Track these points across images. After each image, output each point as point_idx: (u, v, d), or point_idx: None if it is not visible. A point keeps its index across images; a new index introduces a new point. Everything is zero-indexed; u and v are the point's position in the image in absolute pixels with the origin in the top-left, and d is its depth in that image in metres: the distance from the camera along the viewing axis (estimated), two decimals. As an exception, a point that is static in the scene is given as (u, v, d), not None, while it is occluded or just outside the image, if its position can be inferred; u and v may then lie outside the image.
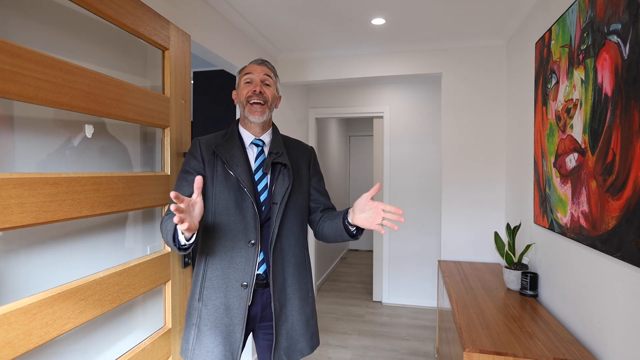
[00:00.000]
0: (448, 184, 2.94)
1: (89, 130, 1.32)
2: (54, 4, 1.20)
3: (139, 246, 1.58)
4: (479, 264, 2.75)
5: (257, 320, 1.35)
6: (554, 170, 1.77)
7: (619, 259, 1.22)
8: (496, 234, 2.21)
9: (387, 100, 4.13)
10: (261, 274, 1.31)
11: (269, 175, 1.34)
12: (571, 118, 1.59)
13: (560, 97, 1.71)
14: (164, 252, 1.57)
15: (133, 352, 1.39)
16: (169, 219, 1.21)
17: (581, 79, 1.50)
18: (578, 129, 1.52)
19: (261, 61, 1.38)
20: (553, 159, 1.78)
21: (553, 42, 1.82)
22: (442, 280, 2.44)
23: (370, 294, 4.42)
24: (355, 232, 1.27)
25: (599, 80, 1.36)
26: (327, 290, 4.57)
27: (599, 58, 1.37)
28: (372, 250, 6.69)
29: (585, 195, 1.45)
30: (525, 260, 2.22)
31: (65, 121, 1.24)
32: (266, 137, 1.39)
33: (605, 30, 1.33)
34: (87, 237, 1.32)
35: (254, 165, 1.34)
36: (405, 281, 4.11)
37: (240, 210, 1.28)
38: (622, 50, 1.21)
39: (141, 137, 1.61)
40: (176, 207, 0.98)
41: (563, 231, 1.66)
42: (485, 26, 2.61)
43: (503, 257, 2.19)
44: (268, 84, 1.37)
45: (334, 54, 3.16)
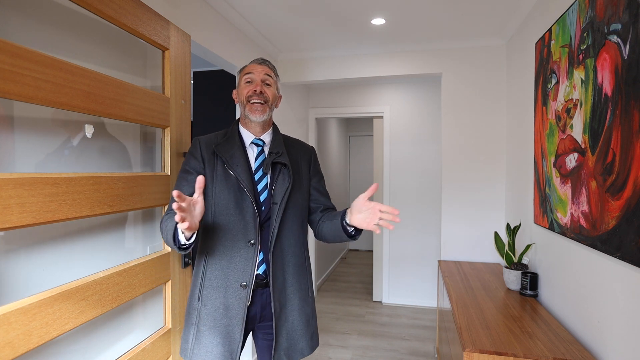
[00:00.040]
0: (448, 184, 2.94)
1: (89, 130, 1.32)
2: (54, 4, 1.20)
3: (139, 246, 1.58)
4: (479, 264, 2.75)
5: (257, 320, 1.35)
6: (554, 170, 1.77)
7: (619, 259, 1.22)
8: (496, 234, 2.21)
9: (387, 100, 4.13)
10: (260, 274, 1.31)
11: (269, 175, 1.34)
12: (571, 118, 1.59)
13: (560, 97, 1.71)
14: (164, 252, 1.57)
15: (133, 352, 1.39)
16: (169, 219, 1.21)
17: (581, 79, 1.50)
18: (578, 129, 1.52)
19: (262, 60, 1.38)
20: (553, 159, 1.78)
21: (553, 42, 1.82)
22: (442, 280, 2.44)
23: (370, 294, 4.42)
24: (353, 233, 1.27)
25: (599, 80, 1.36)
26: (327, 290, 4.57)
27: (599, 58, 1.37)
28: (372, 250, 6.69)
29: (585, 195, 1.45)
30: (525, 260, 2.22)
31: (63, 121, 1.24)
32: (266, 137, 1.39)
33: (605, 30, 1.33)
34: (87, 237, 1.32)
35: (254, 165, 1.34)
36: (405, 281, 4.11)
37: (240, 210, 1.28)
38: (622, 50, 1.21)
39: (141, 137, 1.61)
40: (178, 206, 0.98)
41: (563, 231, 1.66)
42: (485, 26, 2.61)
43: (503, 257, 2.19)
44: (268, 84, 1.37)
45: (334, 54, 3.16)
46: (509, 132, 2.70)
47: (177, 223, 1.10)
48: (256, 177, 1.33)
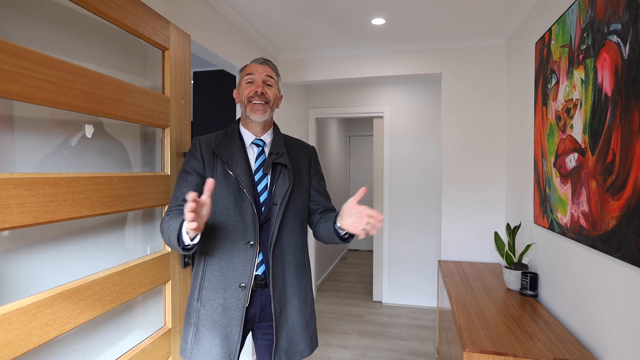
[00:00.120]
0: (448, 184, 2.94)
1: (89, 130, 1.32)
2: (54, 4, 1.20)
3: (139, 246, 1.58)
4: (479, 264, 2.75)
5: (256, 320, 1.35)
6: (554, 170, 1.77)
7: (619, 259, 1.22)
8: (496, 234, 2.21)
9: (387, 100, 4.13)
10: (260, 275, 1.31)
11: (269, 175, 1.34)
12: (571, 118, 1.59)
13: (560, 97, 1.71)
14: (164, 252, 1.57)
15: (133, 352, 1.39)
16: (171, 219, 1.20)
17: (581, 79, 1.50)
18: (578, 129, 1.52)
19: (263, 60, 1.38)
20: (553, 159, 1.78)
21: (553, 42, 1.82)
22: (442, 280, 2.44)
23: (370, 294, 4.42)
24: (346, 236, 1.26)
25: (599, 80, 1.36)
26: (327, 290, 4.57)
27: (599, 58, 1.37)
28: (372, 250, 6.69)
29: (585, 195, 1.45)
30: (525, 260, 2.22)
31: (61, 121, 1.24)
32: (267, 137, 1.39)
33: (605, 30, 1.33)
34: (87, 237, 1.32)
35: (254, 166, 1.34)
36: (405, 281, 4.11)
37: (239, 211, 1.28)
38: (622, 50, 1.21)
39: (141, 137, 1.61)
40: (193, 208, 0.99)
41: (563, 231, 1.66)
42: (485, 26, 2.61)
43: (503, 257, 2.19)
44: (270, 84, 1.36)
45: (334, 54, 3.16)
46: (509, 132, 2.70)
47: (182, 223, 1.12)
48: (256, 178, 1.32)
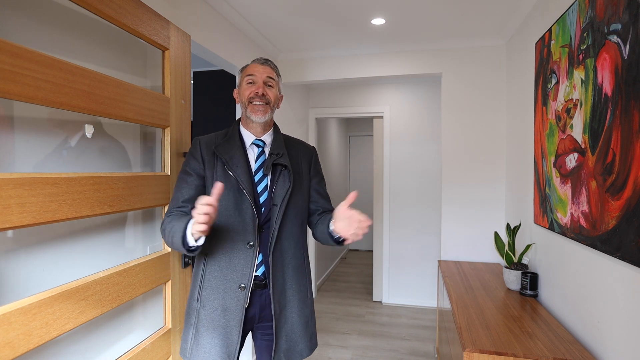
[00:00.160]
0: (448, 184, 2.94)
1: (89, 131, 1.32)
2: (54, 4, 1.20)
3: (139, 246, 1.58)
4: (479, 264, 2.75)
5: (256, 320, 1.35)
6: (554, 170, 1.77)
7: (619, 259, 1.22)
8: (496, 234, 2.21)
9: (387, 100, 4.13)
10: (259, 276, 1.31)
11: (270, 176, 1.34)
12: (571, 118, 1.59)
13: (560, 97, 1.71)
14: (164, 252, 1.57)
15: (133, 352, 1.39)
16: (173, 221, 1.21)
17: (581, 79, 1.50)
18: (578, 129, 1.52)
19: (264, 61, 1.37)
20: (553, 159, 1.78)
21: (553, 42, 1.82)
22: (442, 280, 2.44)
23: (370, 294, 4.42)
24: (340, 239, 1.27)
25: (599, 80, 1.36)
26: (327, 290, 4.57)
27: (599, 58, 1.37)
28: (372, 250, 6.69)
29: (585, 195, 1.45)
30: (525, 260, 2.22)
31: (60, 122, 1.24)
32: (267, 138, 1.38)
33: (605, 30, 1.33)
34: (87, 237, 1.32)
35: (254, 166, 1.34)
36: (405, 281, 4.11)
37: (239, 212, 1.28)
38: (622, 50, 1.21)
39: (141, 137, 1.61)
40: (208, 212, 1.01)
41: (563, 231, 1.66)
42: (485, 26, 2.61)
43: (503, 257, 2.19)
44: (270, 85, 1.36)
45: (334, 54, 3.16)
46: (509, 132, 2.70)
47: (187, 225, 1.13)
48: (256, 179, 1.32)
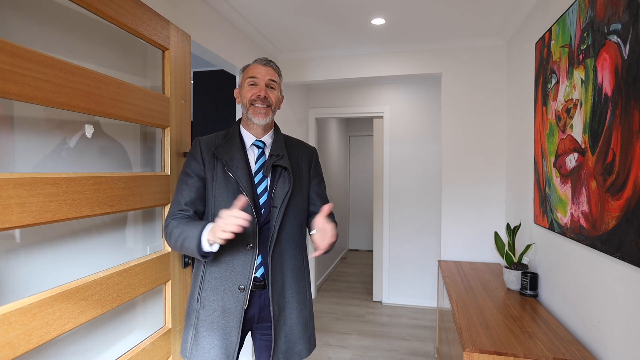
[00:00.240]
0: (448, 184, 2.94)
1: (89, 131, 1.32)
2: (54, 4, 1.20)
3: (139, 246, 1.58)
4: (479, 264, 2.75)
5: (255, 321, 1.35)
6: (554, 170, 1.77)
7: (619, 259, 1.22)
8: (496, 234, 2.21)
9: (387, 100, 4.13)
10: (258, 277, 1.32)
11: (269, 178, 1.34)
12: (571, 118, 1.59)
13: (560, 97, 1.71)
14: (164, 252, 1.57)
15: (133, 352, 1.39)
16: (181, 225, 1.22)
17: (581, 79, 1.50)
18: (578, 129, 1.52)
19: (266, 62, 1.36)
20: (553, 159, 1.78)
21: (553, 42, 1.82)
22: (442, 280, 2.44)
23: (370, 294, 4.42)
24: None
25: (599, 80, 1.36)
26: (327, 290, 4.57)
27: (599, 58, 1.37)
28: (372, 250, 6.69)
29: (585, 195, 1.45)
30: (525, 260, 2.22)
31: (61, 121, 1.24)
32: (267, 139, 1.38)
33: (605, 30, 1.33)
34: (87, 237, 1.32)
35: (254, 168, 1.34)
36: (405, 281, 4.11)
37: None
38: (622, 50, 1.21)
39: (141, 137, 1.61)
40: (241, 225, 1.06)
41: (563, 231, 1.66)
42: (485, 26, 2.61)
43: (503, 257, 2.19)
44: (272, 87, 1.36)
45: (334, 54, 3.16)
46: (509, 132, 2.70)
47: (203, 231, 1.17)
48: (256, 180, 1.32)
